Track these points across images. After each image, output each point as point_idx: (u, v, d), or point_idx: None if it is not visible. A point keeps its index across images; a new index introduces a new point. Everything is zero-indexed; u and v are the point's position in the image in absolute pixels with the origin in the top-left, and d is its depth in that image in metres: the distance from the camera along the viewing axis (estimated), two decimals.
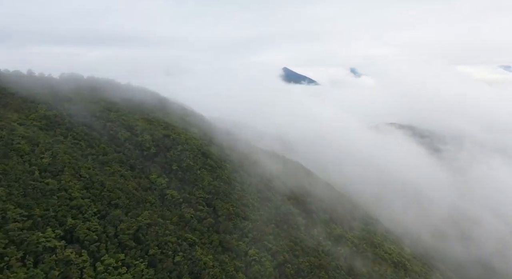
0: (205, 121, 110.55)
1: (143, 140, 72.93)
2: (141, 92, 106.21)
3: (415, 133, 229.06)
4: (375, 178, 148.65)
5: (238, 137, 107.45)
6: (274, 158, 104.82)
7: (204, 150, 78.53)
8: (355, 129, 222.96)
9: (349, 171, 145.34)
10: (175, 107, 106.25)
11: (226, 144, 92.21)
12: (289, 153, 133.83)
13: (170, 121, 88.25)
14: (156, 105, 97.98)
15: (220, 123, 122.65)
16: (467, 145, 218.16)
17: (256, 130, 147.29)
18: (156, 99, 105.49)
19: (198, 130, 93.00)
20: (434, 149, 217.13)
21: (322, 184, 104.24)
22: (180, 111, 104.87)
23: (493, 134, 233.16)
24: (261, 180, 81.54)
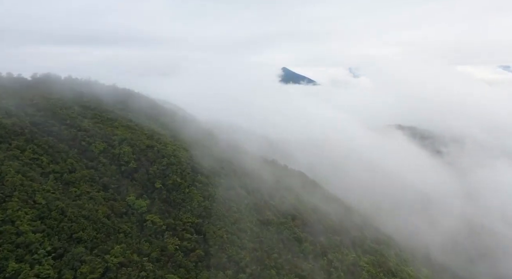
0: (198, 126, 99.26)
1: (121, 153, 61.61)
2: (127, 95, 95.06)
3: (416, 135, 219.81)
4: (377, 183, 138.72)
5: (234, 145, 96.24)
6: (275, 168, 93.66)
7: (195, 163, 67.27)
8: (355, 131, 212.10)
9: (349, 175, 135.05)
10: (164, 112, 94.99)
11: (221, 154, 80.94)
12: (289, 158, 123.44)
13: (157, 128, 76.93)
14: (143, 109, 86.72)
15: (215, 128, 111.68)
16: (469, 147, 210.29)
17: (253, 134, 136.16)
18: (143, 102, 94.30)
19: (190, 137, 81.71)
20: (436, 151, 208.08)
21: (329, 198, 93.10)
22: (171, 116, 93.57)
23: (495, 135, 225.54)
24: (261, 198, 70.34)
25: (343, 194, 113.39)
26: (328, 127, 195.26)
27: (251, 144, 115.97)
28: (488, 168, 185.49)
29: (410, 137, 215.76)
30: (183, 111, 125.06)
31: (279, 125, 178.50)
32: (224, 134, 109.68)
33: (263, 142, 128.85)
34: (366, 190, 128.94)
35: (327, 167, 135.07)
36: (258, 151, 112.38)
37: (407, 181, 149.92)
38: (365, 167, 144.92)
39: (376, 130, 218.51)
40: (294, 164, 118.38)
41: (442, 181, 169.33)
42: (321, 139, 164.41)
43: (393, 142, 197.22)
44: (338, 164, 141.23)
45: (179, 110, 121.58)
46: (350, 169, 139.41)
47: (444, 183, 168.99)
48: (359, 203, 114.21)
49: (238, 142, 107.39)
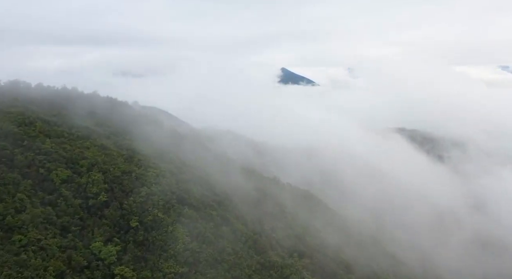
0: (191, 139, 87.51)
1: (89, 182, 49.89)
2: (109, 105, 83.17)
3: (416, 138, 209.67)
4: (379, 193, 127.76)
5: (231, 161, 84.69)
6: (277, 188, 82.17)
7: (182, 191, 55.56)
8: (355, 136, 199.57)
9: (349, 184, 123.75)
10: (152, 124, 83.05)
11: (216, 175, 69.31)
12: (287, 168, 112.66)
13: (139, 147, 65.12)
14: (125, 123, 74.85)
15: (210, 139, 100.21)
16: (471, 152, 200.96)
17: (250, 142, 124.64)
18: (127, 113, 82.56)
19: (178, 156, 69.99)
20: (437, 156, 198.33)
21: (336, 222, 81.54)
22: (159, 129, 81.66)
23: (497, 139, 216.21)
24: (261, 231, 58.71)
25: (343, 206, 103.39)
26: (327, 132, 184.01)
27: (248, 156, 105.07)
28: (494, 176, 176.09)
29: (410, 141, 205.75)
30: (175, 120, 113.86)
31: (276, 131, 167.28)
32: (219, 146, 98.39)
33: (261, 152, 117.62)
34: (367, 201, 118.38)
35: (325, 175, 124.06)
36: (256, 164, 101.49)
37: (411, 192, 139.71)
38: (366, 176, 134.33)
39: (376, 134, 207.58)
40: (293, 174, 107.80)
41: (448, 191, 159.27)
42: (320, 146, 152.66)
43: (395, 147, 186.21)
44: (337, 172, 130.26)
45: (170, 118, 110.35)
46: (350, 178, 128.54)
47: (450, 192, 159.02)
48: (362, 218, 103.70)
49: (234, 156, 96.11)
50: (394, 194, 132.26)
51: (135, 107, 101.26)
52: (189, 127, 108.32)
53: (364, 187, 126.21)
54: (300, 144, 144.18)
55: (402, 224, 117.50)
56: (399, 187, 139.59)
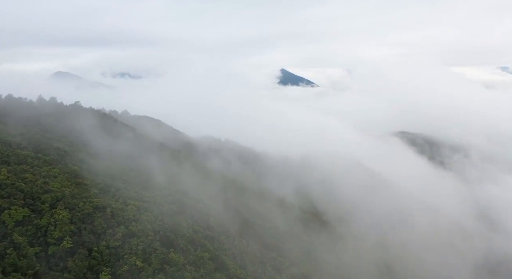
0: (183, 155, 78.00)
1: (51, 224, 40.43)
2: (89, 121, 73.29)
3: (416, 143, 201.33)
4: (380, 204, 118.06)
5: (228, 180, 75.27)
6: (288, 213, 72.76)
7: (167, 230, 46.09)
8: (353, 141, 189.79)
9: (348, 194, 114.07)
10: (135, 137, 73.47)
11: (210, 200, 59.89)
12: (284, 178, 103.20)
13: (119, 172, 55.61)
14: (106, 142, 65.21)
15: (204, 152, 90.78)
16: (474, 157, 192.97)
17: (247, 152, 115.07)
18: (110, 127, 72.99)
19: (163, 182, 60.32)
20: (440, 163, 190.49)
21: (354, 253, 72.25)
22: (146, 147, 71.98)
23: (499, 145, 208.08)
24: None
25: (346, 222, 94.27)
26: (326, 139, 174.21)
27: (244, 169, 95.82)
28: (497, 184, 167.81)
29: (411, 145, 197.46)
30: (168, 130, 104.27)
31: (272, 138, 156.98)
32: (213, 159, 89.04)
33: (256, 163, 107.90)
34: (372, 216, 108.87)
35: (325, 187, 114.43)
36: (253, 178, 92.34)
37: (416, 202, 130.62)
38: (369, 186, 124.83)
39: (377, 139, 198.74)
40: (290, 185, 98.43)
41: (454, 201, 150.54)
42: (318, 153, 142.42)
43: (397, 154, 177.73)
44: (338, 183, 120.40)
45: (162, 129, 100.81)
46: (351, 188, 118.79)
47: (457, 203, 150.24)
48: (369, 236, 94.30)
49: (231, 170, 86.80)
50: (399, 207, 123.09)
51: (124, 117, 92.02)
52: (182, 139, 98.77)
53: (367, 199, 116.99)
54: (297, 152, 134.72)
55: (411, 242, 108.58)
56: (404, 197, 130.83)
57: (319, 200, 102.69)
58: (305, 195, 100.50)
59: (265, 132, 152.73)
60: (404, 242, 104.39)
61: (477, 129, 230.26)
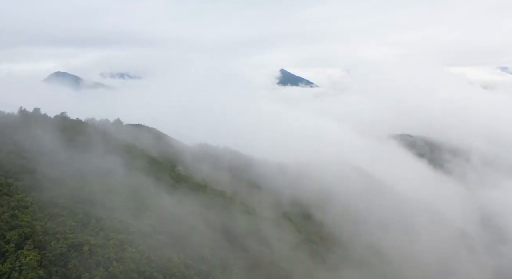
0: (175, 172, 71.84)
1: (15, 269, 34.47)
2: (70, 132, 66.88)
3: (416, 146, 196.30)
4: (386, 210, 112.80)
5: (227, 201, 69.17)
6: (287, 232, 66.73)
7: (154, 267, 40.09)
8: (353, 144, 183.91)
9: (349, 202, 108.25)
10: (127, 158, 66.96)
11: (205, 230, 53.77)
12: (282, 186, 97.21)
13: (102, 194, 49.48)
14: (93, 162, 58.76)
15: (201, 168, 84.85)
16: (476, 161, 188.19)
17: (246, 160, 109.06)
18: (100, 145, 66.59)
19: (157, 201, 54.34)
20: (443, 167, 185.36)
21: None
22: (138, 164, 65.69)
23: (500, 148, 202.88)
24: None
25: (350, 234, 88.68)
26: (325, 143, 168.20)
27: (247, 181, 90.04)
28: (500, 188, 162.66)
29: (411, 148, 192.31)
30: (164, 139, 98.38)
31: (269, 143, 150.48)
32: (210, 173, 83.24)
33: (253, 171, 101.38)
34: (376, 227, 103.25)
35: (324, 195, 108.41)
36: (252, 189, 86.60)
37: (420, 209, 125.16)
38: (370, 193, 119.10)
39: (377, 142, 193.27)
40: (287, 193, 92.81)
41: (457, 208, 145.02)
42: (318, 159, 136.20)
43: (398, 157, 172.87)
44: (338, 190, 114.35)
45: (157, 139, 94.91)
46: (352, 196, 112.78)
47: (459, 208, 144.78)
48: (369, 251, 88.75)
49: (230, 185, 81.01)
50: (403, 214, 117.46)
51: (116, 127, 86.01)
52: (177, 149, 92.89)
53: (370, 207, 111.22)
54: (295, 158, 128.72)
55: (415, 253, 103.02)
56: (407, 204, 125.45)
57: (315, 206, 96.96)
58: (303, 203, 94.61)
59: (263, 137, 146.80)
60: (407, 255, 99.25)
61: (477, 131, 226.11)
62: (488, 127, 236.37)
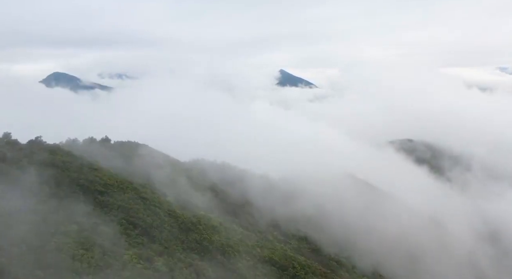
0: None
1: None
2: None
3: (414, 152, 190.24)
4: (389, 224, 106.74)
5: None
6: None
7: None
8: (350, 150, 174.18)
9: (347, 219, 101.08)
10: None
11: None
12: (274, 205, 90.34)
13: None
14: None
15: (198, 190, 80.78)
16: (476, 169, 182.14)
17: (246, 175, 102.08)
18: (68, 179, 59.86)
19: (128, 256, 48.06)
20: (440, 174, 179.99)
21: None
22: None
23: (502, 156, 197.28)
24: None
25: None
26: (320, 149, 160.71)
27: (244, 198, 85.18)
28: (504, 199, 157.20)
29: (409, 154, 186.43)
30: (154, 155, 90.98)
31: (261, 154, 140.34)
32: (209, 199, 79.06)
33: (246, 189, 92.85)
34: (381, 245, 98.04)
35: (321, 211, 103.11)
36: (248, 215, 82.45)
37: (425, 223, 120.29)
38: (371, 206, 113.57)
39: (374, 147, 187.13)
40: (280, 211, 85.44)
41: (461, 220, 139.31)
42: (313, 172, 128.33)
43: (399, 166, 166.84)
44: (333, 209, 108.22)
45: (145, 153, 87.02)
46: (350, 211, 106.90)
47: (463, 221, 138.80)
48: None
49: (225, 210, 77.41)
50: (410, 232, 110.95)
51: (104, 146, 76.23)
52: (171, 167, 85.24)
53: (373, 225, 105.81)
54: (290, 169, 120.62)
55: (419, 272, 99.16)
56: (412, 217, 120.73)
57: (310, 226, 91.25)
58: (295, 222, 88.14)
59: (256, 148, 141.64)
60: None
61: (478, 136, 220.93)
62: (489, 132, 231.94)
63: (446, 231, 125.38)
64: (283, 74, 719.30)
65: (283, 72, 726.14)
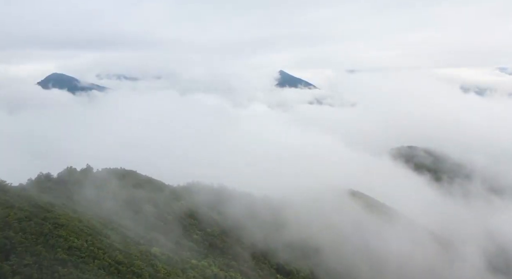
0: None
1: None
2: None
3: (413, 160, 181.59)
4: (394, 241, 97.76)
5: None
6: None
7: None
8: (347, 161, 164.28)
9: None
10: None
11: None
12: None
13: None
14: None
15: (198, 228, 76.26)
16: (477, 179, 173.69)
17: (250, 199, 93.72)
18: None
19: None
20: (447, 189, 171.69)
21: None
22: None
23: (503, 165, 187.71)
24: None
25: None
26: (316, 161, 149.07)
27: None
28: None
29: (407, 163, 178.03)
30: (140, 182, 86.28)
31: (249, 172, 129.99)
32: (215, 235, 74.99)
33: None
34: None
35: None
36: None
37: (429, 239, 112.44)
38: (366, 228, 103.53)
39: (372, 156, 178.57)
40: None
41: (467, 237, 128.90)
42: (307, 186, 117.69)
43: (399, 176, 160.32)
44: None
45: (131, 181, 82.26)
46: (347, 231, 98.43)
47: (469, 238, 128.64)
48: None
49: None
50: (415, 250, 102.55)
51: (86, 177, 65.89)
52: (163, 194, 79.49)
53: (373, 245, 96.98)
54: (281, 187, 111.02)
55: None
56: (415, 239, 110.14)
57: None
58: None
59: (251, 164, 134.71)
60: None
61: (479, 142, 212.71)
62: (489, 138, 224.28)
63: (453, 249, 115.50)
64: (282, 75, 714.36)
65: (283, 73, 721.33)
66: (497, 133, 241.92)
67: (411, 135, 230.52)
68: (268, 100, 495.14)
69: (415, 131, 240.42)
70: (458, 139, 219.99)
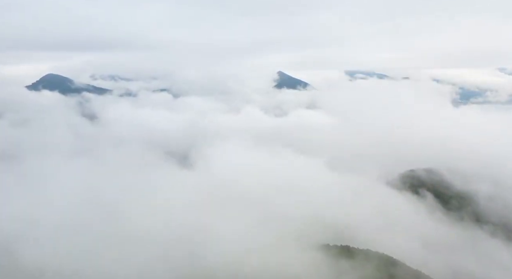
0: None
1: None
2: None
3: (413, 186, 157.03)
4: None
5: None
6: None
7: None
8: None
9: None
10: None
11: None
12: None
13: None
14: None
15: None
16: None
17: None
18: None
19: None
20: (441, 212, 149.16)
21: None
22: None
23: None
24: None
25: None
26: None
27: None
28: None
29: (406, 189, 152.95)
30: None
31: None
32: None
33: None
34: None
35: None
36: None
37: None
38: None
39: (369, 184, 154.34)
40: None
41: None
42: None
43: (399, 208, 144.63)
44: None
45: None
46: None
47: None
48: None
49: None
50: None
51: None
52: None
53: None
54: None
55: None
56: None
57: None
58: None
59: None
60: None
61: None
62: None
63: None
64: (281, 76, 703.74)
65: (281, 73, 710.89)
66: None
67: (411, 155, 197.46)
68: (264, 103, 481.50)
69: (417, 151, 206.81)
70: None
